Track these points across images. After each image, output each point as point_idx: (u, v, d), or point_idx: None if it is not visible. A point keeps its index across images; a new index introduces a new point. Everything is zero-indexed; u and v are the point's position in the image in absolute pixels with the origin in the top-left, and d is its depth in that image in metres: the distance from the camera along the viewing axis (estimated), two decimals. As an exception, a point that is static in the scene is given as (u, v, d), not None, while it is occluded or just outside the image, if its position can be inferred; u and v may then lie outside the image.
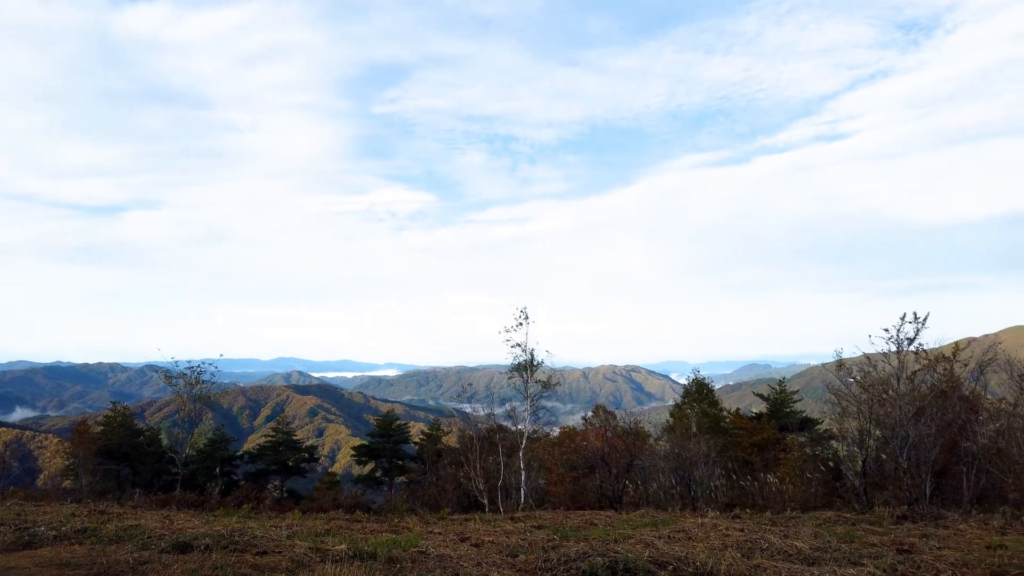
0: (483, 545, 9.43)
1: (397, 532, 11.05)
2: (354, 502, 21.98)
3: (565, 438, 31.17)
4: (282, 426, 37.59)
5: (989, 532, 10.94)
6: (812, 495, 16.52)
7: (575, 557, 8.00)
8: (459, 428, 34.47)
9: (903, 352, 15.64)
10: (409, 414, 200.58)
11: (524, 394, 22.01)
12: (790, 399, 36.20)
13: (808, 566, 8.13)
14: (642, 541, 9.51)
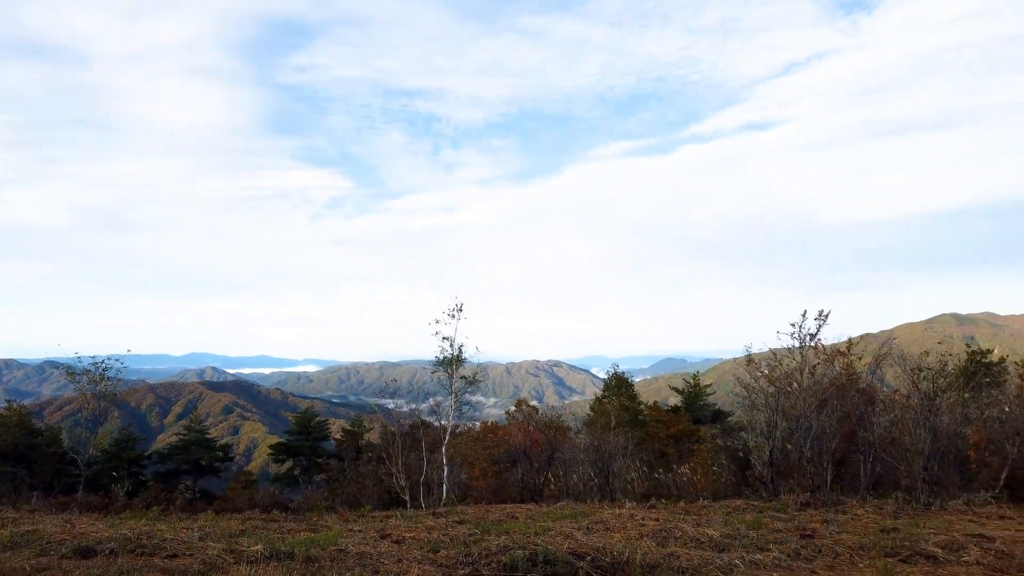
0: (404, 541, 9.40)
1: (316, 531, 10.87)
2: (271, 501, 21.42)
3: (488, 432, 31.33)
4: (194, 424, 36.31)
5: (883, 516, 11.70)
6: (723, 484, 17.25)
7: (496, 551, 8.10)
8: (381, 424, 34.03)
9: (806, 347, 16.50)
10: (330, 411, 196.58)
11: (449, 389, 21.96)
12: (704, 392, 37.57)
13: (718, 552, 8.49)
14: (562, 533, 9.70)
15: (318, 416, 38.91)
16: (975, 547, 8.75)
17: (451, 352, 21.52)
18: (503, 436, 26.88)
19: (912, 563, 8.14)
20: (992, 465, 15.25)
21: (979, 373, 20.10)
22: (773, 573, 7.47)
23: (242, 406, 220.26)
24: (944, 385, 15.22)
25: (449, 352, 21.53)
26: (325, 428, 37.98)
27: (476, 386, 22.56)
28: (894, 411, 15.84)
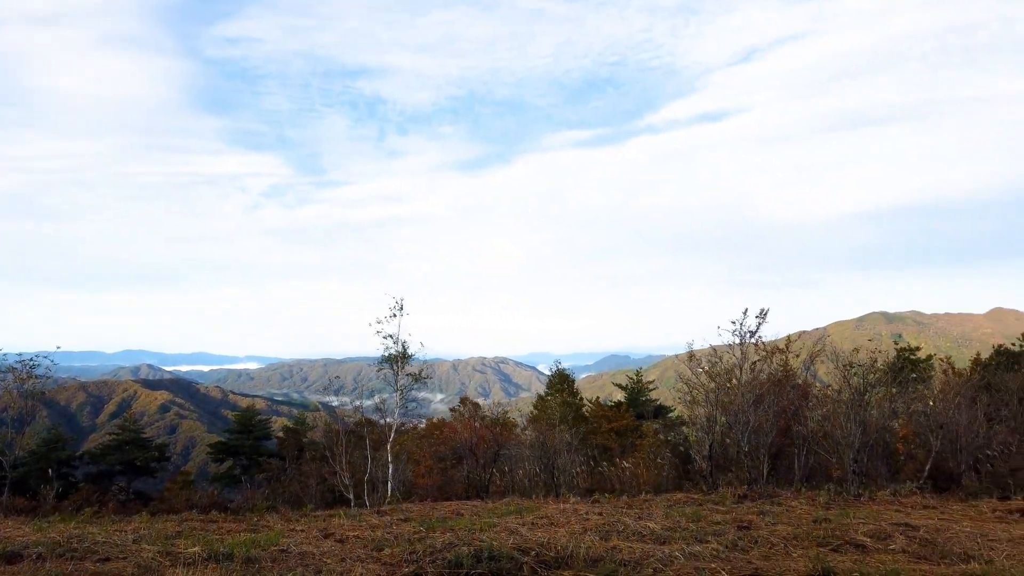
0: (348, 540, 9.31)
1: (256, 531, 10.66)
2: (210, 502, 20.90)
3: (434, 429, 31.25)
4: (129, 423, 35.16)
5: (816, 507, 12.14)
6: (665, 478, 17.63)
7: (441, 548, 8.10)
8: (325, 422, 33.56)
9: (746, 345, 17.01)
10: (272, 409, 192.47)
11: (394, 386, 21.78)
12: (646, 388, 38.27)
13: (659, 545, 8.69)
14: (507, 528, 9.77)
15: (259, 414, 38.19)
16: (901, 535, 9.17)
17: (395, 349, 21.35)
18: (449, 433, 26.83)
19: (842, 552, 8.48)
20: (917, 457, 16.00)
21: (906, 369, 21.06)
22: (712, 564, 7.68)
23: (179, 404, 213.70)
24: (873, 381, 15.94)
25: (393, 350, 21.37)
26: (267, 426, 37.27)
27: (422, 383, 22.44)
28: (827, 406, 16.47)
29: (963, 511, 11.69)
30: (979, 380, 18.79)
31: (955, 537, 9.14)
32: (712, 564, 7.69)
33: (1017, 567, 7.38)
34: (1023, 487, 14.02)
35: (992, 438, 15.94)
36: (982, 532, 9.53)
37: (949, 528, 9.83)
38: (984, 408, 16.10)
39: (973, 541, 8.89)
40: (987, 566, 7.50)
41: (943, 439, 15.32)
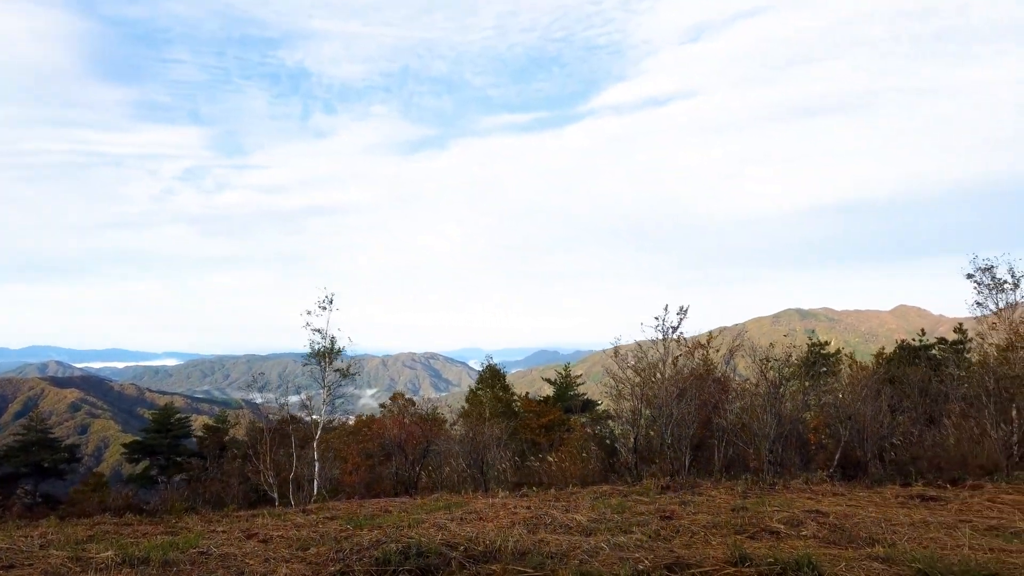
0: (271, 540, 9.11)
1: (175, 533, 10.30)
2: (124, 504, 20.03)
3: (362, 426, 30.86)
4: (35, 423, 33.40)
5: (734, 497, 12.61)
6: (591, 471, 17.97)
7: (368, 545, 8.03)
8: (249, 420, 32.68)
9: (669, 340, 17.55)
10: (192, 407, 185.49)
11: (321, 383, 21.40)
12: (574, 383, 38.81)
13: (586, 537, 8.86)
14: (436, 524, 9.76)
15: (179, 412, 36.91)
16: (812, 522, 9.63)
17: (323, 345, 20.99)
18: (378, 429, 26.55)
19: (758, 539, 8.85)
20: (828, 447, 16.84)
21: (818, 363, 22.15)
22: (635, 554, 7.88)
23: (91, 403, 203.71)
24: (788, 374, 16.73)
25: (321, 345, 21.00)
26: (186, 425, 36.04)
27: (350, 379, 22.15)
28: (745, 399, 17.16)
29: (869, 497, 12.37)
30: (884, 373, 19.96)
31: (861, 522, 9.66)
32: (636, 554, 7.90)
33: (917, 549, 7.86)
34: (923, 474, 14.96)
35: (895, 428, 16.95)
36: (886, 517, 10.11)
37: (856, 514, 10.37)
38: (888, 400, 17.09)
39: (878, 526, 9.42)
40: (890, 549, 7.96)
41: (851, 429, 16.18)
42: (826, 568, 7.12)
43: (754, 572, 7.14)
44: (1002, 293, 16.21)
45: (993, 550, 7.90)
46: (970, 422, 16.81)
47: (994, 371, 15.66)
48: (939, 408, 18.72)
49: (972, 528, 9.19)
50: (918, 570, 7.02)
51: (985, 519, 9.96)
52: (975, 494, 12.35)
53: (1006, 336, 16.00)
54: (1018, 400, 15.00)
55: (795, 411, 16.45)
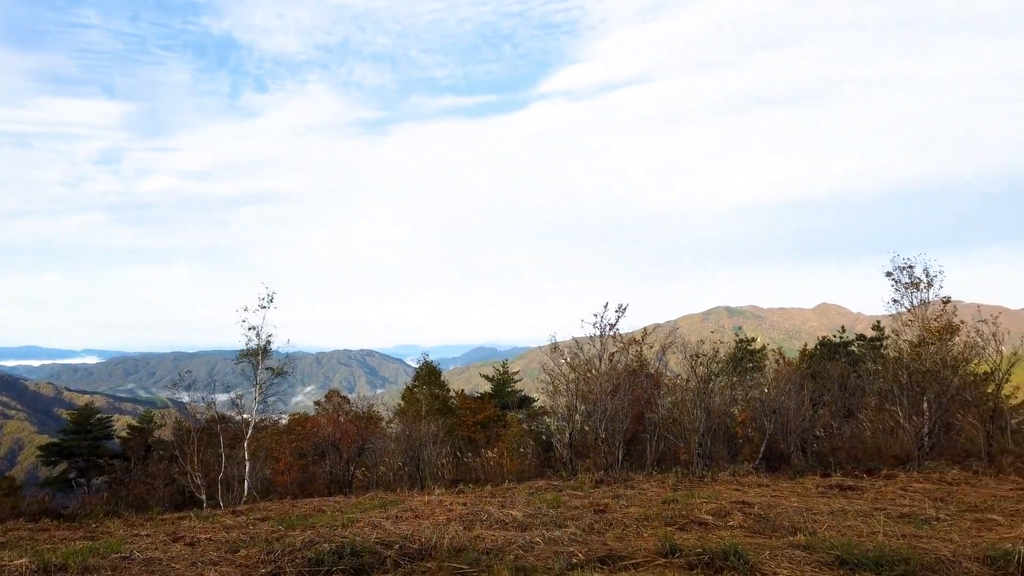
0: (199, 543, 8.85)
1: (95, 538, 9.89)
2: (40, 508, 19.05)
3: (295, 425, 30.25)
4: (-60, 426, 31.42)
5: (665, 489, 12.95)
6: (528, 466, 18.13)
7: (301, 546, 7.89)
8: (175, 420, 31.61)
9: (605, 336, 17.87)
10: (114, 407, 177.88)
11: (253, 381, 20.87)
12: (511, 379, 38.99)
13: (521, 532, 8.94)
14: (370, 523, 9.67)
15: (100, 412, 35.39)
16: (739, 512, 9.98)
17: (257, 342, 20.48)
18: (312, 428, 26.08)
19: (688, 530, 9.12)
20: (754, 439, 17.45)
21: (745, 359, 22.94)
22: (569, 548, 8.00)
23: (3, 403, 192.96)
24: (717, 370, 17.28)
25: (255, 342, 20.48)
26: (108, 425, 34.57)
27: (283, 377, 21.68)
28: (676, 394, 17.64)
29: (792, 488, 12.90)
30: (806, 369, 20.83)
31: (784, 512, 10.06)
32: (570, 548, 8.02)
33: (835, 537, 8.25)
34: (842, 464, 15.68)
35: (816, 421, 17.71)
36: (807, 506, 10.56)
37: (779, 504, 10.80)
38: (810, 394, 17.86)
39: (800, 515, 9.83)
40: (811, 537, 8.32)
41: (775, 423, 16.82)
42: (751, 557, 7.39)
43: (683, 562, 7.35)
44: (917, 291, 17.11)
45: (905, 536, 8.36)
46: (885, 415, 17.72)
47: (907, 366, 16.54)
48: (857, 401, 19.67)
49: (886, 515, 9.70)
50: (836, 556, 7.36)
51: (898, 507, 10.53)
52: (889, 483, 13.04)
53: (919, 333, 16.91)
54: (929, 393, 15.89)
55: (723, 405, 17.02)
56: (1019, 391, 20.10)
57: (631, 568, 7.29)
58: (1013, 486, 12.50)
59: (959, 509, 10.31)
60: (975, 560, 7.25)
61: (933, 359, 16.21)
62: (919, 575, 6.96)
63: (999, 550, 7.39)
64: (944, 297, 16.91)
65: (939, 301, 16.92)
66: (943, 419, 16.24)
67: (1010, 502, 10.78)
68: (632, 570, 7.24)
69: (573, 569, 7.28)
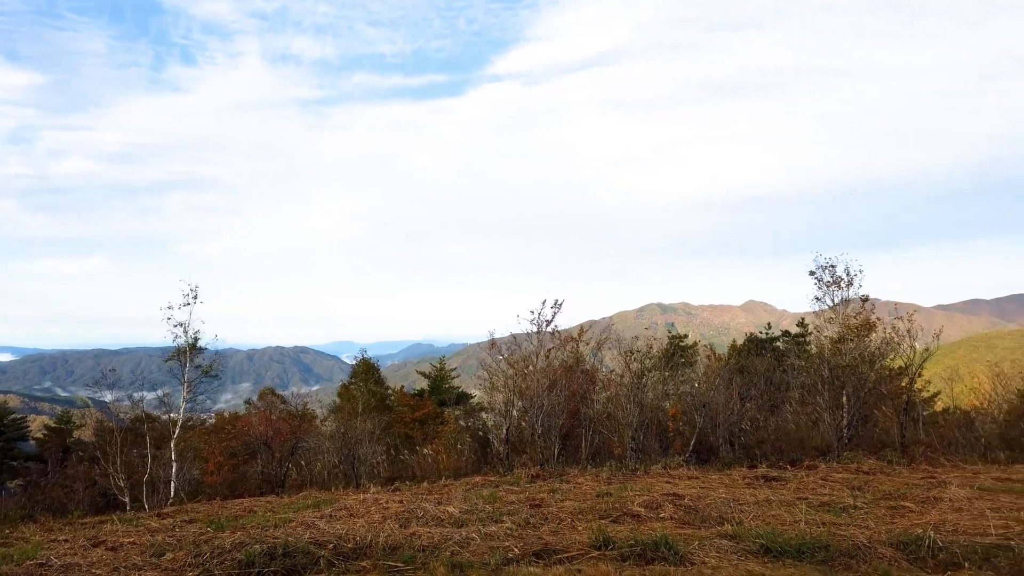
0: (122, 548, 8.53)
1: (8, 544, 9.41)
2: (-54, 516, 17.98)
3: (226, 424, 29.44)
4: None
5: (599, 483, 13.18)
6: (464, 463, 18.16)
7: (230, 548, 7.71)
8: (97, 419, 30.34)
9: (543, 333, 18.04)
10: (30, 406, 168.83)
11: (181, 379, 20.20)
12: (449, 376, 38.93)
13: (457, 528, 8.96)
14: (304, 523, 9.52)
15: (14, 412, 33.81)
16: (670, 504, 10.25)
17: (185, 339, 19.83)
18: (243, 427, 25.42)
19: (621, 523, 9.32)
20: (684, 433, 17.94)
21: (677, 354, 23.49)
22: (505, 543, 8.07)
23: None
24: (650, 366, 17.69)
25: (183, 339, 19.82)
26: (23, 426, 33.01)
27: (213, 375, 21.06)
28: (610, 389, 17.98)
29: (720, 479, 13.32)
30: (734, 364, 21.55)
31: (713, 503, 10.40)
32: (506, 542, 8.09)
33: (760, 526, 8.58)
34: (767, 456, 16.29)
35: (744, 414, 18.34)
36: (734, 497, 10.93)
37: (708, 495, 11.15)
38: (738, 388, 18.48)
39: (727, 505, 10.17)
40: (737, 527, 8.64)
41: (705, 416, 17.35)
42: (681, 547, 7.62)
43: (616, 554, 7.53)
44: (839, 290, 17.86)
45: (825, 524, 8.77)
46: (808, 408, 18.49)
47: (829, 361, 17.29)
48: (782, 395, 20.47)
49: (808, 504, 10.14)
50: (761, 545, 7.67)
51: (819, 496, 11.02)
52: (811, 473, 13.62)
53: (840, 329, 17.67)
54: (848, 387, 16.65)
55: (656, 400, 17.44)
56: (930, 385, 21.32)
57: (565, 561, 7.41)
58: (924, 474, 13.25)
59: (875, 497, 10.86)
60: (889, 545, 7.66)
61: (852, 354, 16.98)
62: (837, 561, 7.31)
63: (911, 535, 7.84)
64: (863, 295, 17.70)
65: (858, 299, 17.69)
66: (861, 412, 17.05)
67: (921, 489, 11.42)
68: (566, 563, 7.36)
69: (509, 564, 7.35)
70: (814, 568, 7.12)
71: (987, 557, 7.32)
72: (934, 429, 18.05)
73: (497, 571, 7.09)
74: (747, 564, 7.24)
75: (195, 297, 19.74)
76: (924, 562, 7.28)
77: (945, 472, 13.43)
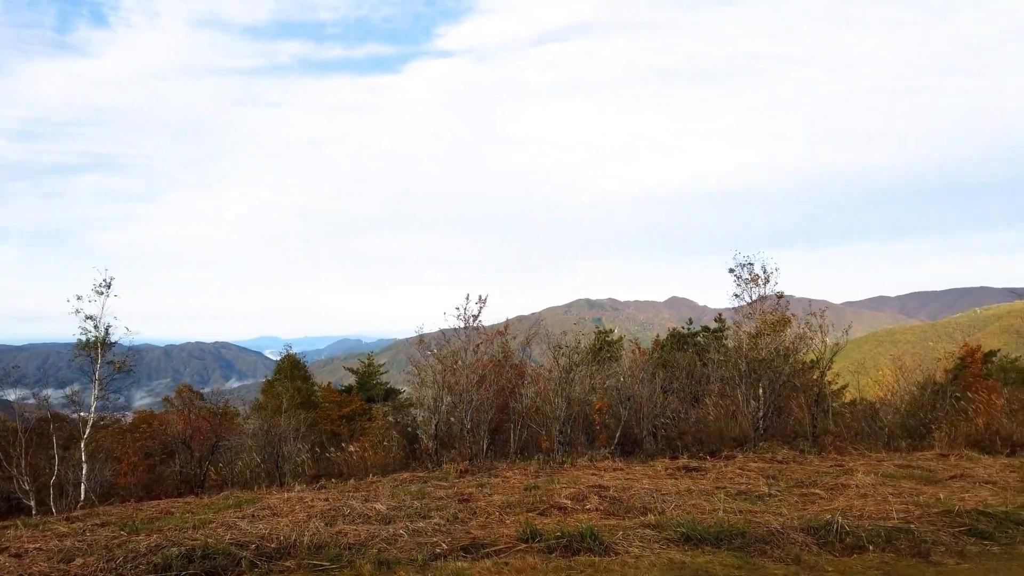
0: (27, 554, 8.09)
1: (-101, 556, 8.77)
2: None
3: (142, 423, 28.27)
4: None
5: (528, 476, 13.32)
6: (392, 459, 18.00)
7: (146, 551, 7.43)
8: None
9: (471, 328, 18.08)
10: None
11: (93, 376, 19.25)
12: (378, 371, 38.48)
13: (385, 525, 8.91)
14: (224, 524, 9.26)
15: (-99, 414, 31.18)
16: (595, 496, 10.48)
17: (96, 334, 18.90)
18: (160, 426, 24.45)
19: (548, 515, 9.47)
20: (610, 426, 18.32)
21: (603, 349, 23.98)
22: (433, 538, 8.09)
23: None
24: (577, 360, 17.99)
25: (94, 334, 18.89)
26: (-88, 428, 30.56)
27: (128, 371, 20.16)
28: (539, 384, 18.19)
29: (644, 471, 13.69)
30: (658, 358, 22.15)
31: (637, 494, 10.69)
32: (434, 538, 8.11)
33: (681, 515, 8.89)
34: (688, 447, 16.84)
35: (667, 407, 18.88)
36: (657, 488, 11.27)
37: (633, 486, 11.45)
38: (661, 382, 19.02)
39: (650, 496, 10.48)
40: (660, 516, 8.92)
41: (630, 409, 17.77)
42: (606, 537, 7.82)
43: (543, 546, 7.66)
44: (756, 287, 18.59)
45: (742, 511, 9.16)
46: (727, 400, 19.20)
47: (746, 355, 18.01)
48: (702, 388, 21.16)
49: (726, 493, 10.57)
50: (682, 534, 7.96)
51: (736, 485, 11.49)
52: (729, 463, 14.17)
53: (757, 325, 18.41)
54: (764, 380, 17.38)
55: (583, 394, 17.73)
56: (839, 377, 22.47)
57: (493, 555, 7.49)
58: (833, 462, 13.99)
59: (788, 485, 11.42)
60: (800, 531, 8.09)
61: (768, 349, 17.73)
62: (753, 547, 7.67)
63: (820, 521, 8.31)
64: (779, 292, 18.50)
65: (775, 296, 18.47)
66: (776, 404, 17.84)
67: (830, 477, 12.07)
68: (494, 557, 7.43)
69: (436, 559, 7.37)
70: (731, 554, 7.44)
71: (889, 539, 7.83)
72: (842, 419, 19.05)
73: (424, 567, 7.10)
74: (668, 552, 7.50)
75: (108, 287, 18.84)
76: (832, 546, 7.72)
77: (852, 460, 14.22)
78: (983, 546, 7.76)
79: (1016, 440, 15.78)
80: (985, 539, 7.93)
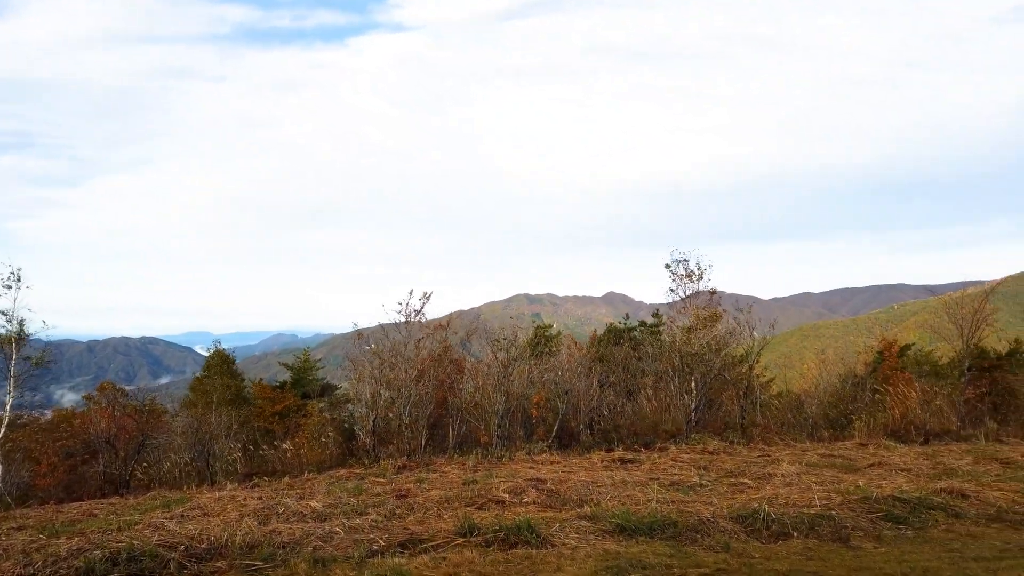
0: (-64, 563, 7.65)
1: None
2: None
3: (62, 421, 26.96)
4: None
5: (466, 471, 13.36)
6: (329, 456, 17.73)
7: (67, 555, 7.13)
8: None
9: (412, 323, 17.96)
10: None
11: (7, 373, 18.28)
12: (313, 367, 37.76)
13: (320, 523, 8.80)
14: (152, 525, 8.96)
15: None
16: (533, 489, 10.59)
17: (9, 329, 17.94)
18: (82, 424, 23.39)
19: (486, 509, 9.53)
20: (548, 419, 18.50)
21: (542, 344, 24.18)
22: (370, 535, 8.03)
23: None
24: (516, 355, 18.09)
25: (7, 328, 17.93)
26: None
27: (46, 368, 19.21)
28: (478, 378, 18.21)
29: (580, 463, 13.92)
30: (595, 353, 22.48)
31: (573, 486, 10.86)
32: (371, 534, 8.06)
33: (617, 507, 9.08)
34: (624, 440, 17.18)
35: (603, 400, 19.21)
36: (594, 480, 11.48)
37: (569, 479, 11.63)
38: (598, 376, 19.32)
39: (587, 488, 10.67)
40: (596, 508, 9.09)
41: (567, 403, 18.00)
42: (543, 530, 7.93)
43: (481, 540, 7.71)
44: (690, 283, 19.06)
45: (674, 502, 9.44)
46: (661, 393, 19.66)
47: (680, 349, 18.48)
48: (637, 382, 21.59)
49: (659, 484, 10.85)
50: (617, 524, 8.14)
51: (670, 476, 11.81)
52: (663, 455, 14.54)
53: (690, 320, 18.90)
54: (696, 374, 17.87)
55: (522, 388, 17.86)
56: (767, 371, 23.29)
57: (431, 550, 7.49)
58: (760, 453, 14.53)
59: (718, 475, 11.81)
60: (730, 519, 8.39)
61: (700, 343, 18.22)
62: (684, 536, 7.92)
63: (748, 509, 8.63)
64: (711, 288, 19.03)
65: (707, 292, 19.00)
66: (707, 396, 18.39)
67: (758, 467, 12.54)
68: (432, 552, 7.44)
69: (373, 556, 7.33)
70: (664, 543, 7.65)
71: (812, 526, 8.21)
72: (770, 411, 19.77)
73: (361, 564, 7.04)
74: (604, 543, 7.66)
75: (18, 280, 17.90)
76: (760, 533, 8.04)
77: (778, 450, 14.80)
78: (898, 530, 8.22)
79: (929, 429, 16.74)
80: (900, 524, 8.41)
